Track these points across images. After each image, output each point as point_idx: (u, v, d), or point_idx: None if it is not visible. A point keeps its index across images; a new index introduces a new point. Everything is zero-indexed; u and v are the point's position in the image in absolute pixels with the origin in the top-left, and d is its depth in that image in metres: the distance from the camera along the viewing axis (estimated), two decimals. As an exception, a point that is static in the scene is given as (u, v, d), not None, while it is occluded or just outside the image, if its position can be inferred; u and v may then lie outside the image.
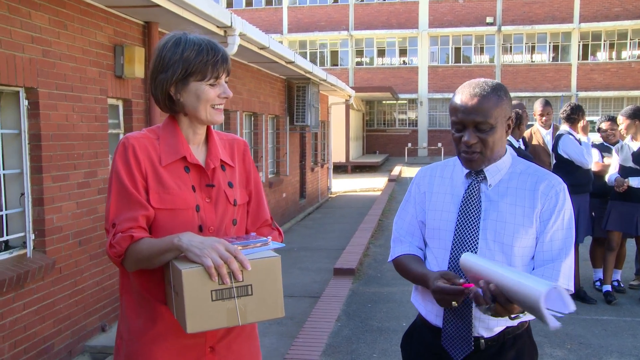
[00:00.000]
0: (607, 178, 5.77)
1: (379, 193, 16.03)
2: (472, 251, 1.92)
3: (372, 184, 19.00)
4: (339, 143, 23.62)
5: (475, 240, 1.92)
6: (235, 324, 1.63)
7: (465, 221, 1.95)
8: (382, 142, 33.94)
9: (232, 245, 1.63)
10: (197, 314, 1.58)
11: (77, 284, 4.84)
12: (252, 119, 10.16)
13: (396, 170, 21.83)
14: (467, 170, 2.01)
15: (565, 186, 1.99)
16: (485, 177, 1.98)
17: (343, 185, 19.00)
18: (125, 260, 1.72)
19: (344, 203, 15.37)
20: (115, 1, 5.01)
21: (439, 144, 30.76)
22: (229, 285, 1.60)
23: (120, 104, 5.63)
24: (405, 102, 33.64)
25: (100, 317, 5.18)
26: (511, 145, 4.24)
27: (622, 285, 6.12)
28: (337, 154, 22.87)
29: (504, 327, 1.95)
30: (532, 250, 1.94)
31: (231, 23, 6.31)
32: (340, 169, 24.29)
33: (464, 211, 1.96)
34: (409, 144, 32.03)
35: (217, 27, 6.28)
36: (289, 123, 12.11)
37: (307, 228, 11.03)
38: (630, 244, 6.45)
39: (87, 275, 4.98)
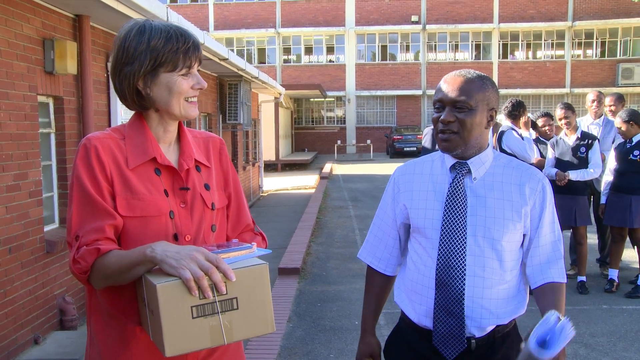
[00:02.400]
0: (543, 172, 5.94)
1: (311, 191, 16.01)
2: (460, 248, 1.86)
3: (303, 182, 18.94)
4: (269, 141, 23.46)
5: (464, 237, 1.87)
6: (220, 343, 1.45)
7: (452, 218, 1.89)
8: (310, 140, 33.98)
9: (213, 253, 1.46)
10: (177, 334, 1.39)
11: (7, 294, 4.50)
12: (185, 117, 9.88)
13: (327, 167, 21.90)
14: (451, 164, 1.95)
15: (547, 178, 2.00)
16: (469, 170, 1.93)
17: (274, 184, 18.84)
18: (92, 276, 1.52)
19: (277, 201, 15.24)
20: (44, -9, 4.70)
21: (368, 141, 31.14)
22: (212, 299, 1.42)
23: (50, 101, 5.29)
24: (333, 99, 33.86)
25: (33, 328, 4.84)
26: None
27: (559, 275, 6.32)
28: (267, 152, 22.69)
29: (494, 326, 1.91)
30: (518, 244, 1.93)
31: (167, 17, 6.06)
32: (271, 167, 24.12)
33: (449, 208, 1.90)
34: (338, 141, 32.24)
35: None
36: (221, 121, 11.87)
37: (243, 228, 10.81)
38: (564, 236, 6.68)
39: (19, 284, 4.64)
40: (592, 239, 6.85)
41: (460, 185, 1.91)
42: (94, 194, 1.55)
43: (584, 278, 5.97)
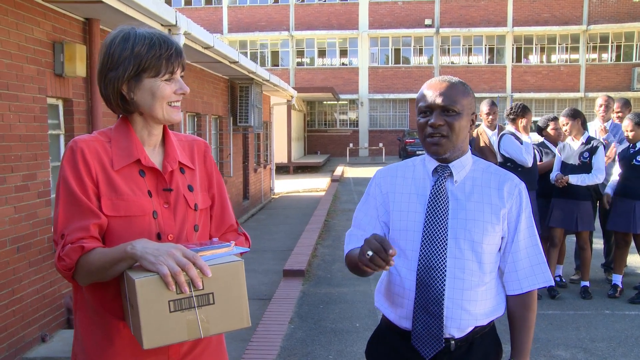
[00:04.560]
0: (550, 176, 5.95)
1: (322, 193, 16.05)
2: (441, 250, 1.90)
3: (314, 185, 19.00)
4: (281, 144, 23.53)
5: (445, 239, 1.91)
6: (197, 337, 1.52)
7: (434, 221, 1.93)
8: (323, 143, 34.05)
9: (191, 250, 1.52)
10: (154, 328, 1.46)
11: (15, 292, 4.59)
12: (196, 119, 9.98)
13: (338, 170, 21.93)
14: (433, 167, 1.99)
15: (523, 183, 2.04)
16: (451, 173, 1.97)
17: (286, 186, 18.93)
18: (77, 273, 1.59)
19: (288, 204, 15.31)
20: (54, -4, 4.80)
21: (380, 144, 31.14)
22: (188, 294, 1.49)
23: (60, 103, 5.39)
24: (346, 102, 33.90)
25: (40, 326, 4.93)
26: None
27: (563, 280, 6.32)
28: (279, 155, 22.78)
29: (473, 327, 1.95)
30: (497, 246, 1.97)
31: (176, 21, 6.15)
32: (282, 169, 24.21)
33: (431, 210, 1.94)
34: (351, 144, 32.27)
35: (162, 25, 6.10)
36: (232, 124, 11.96)
37: (252, 229, 10.90)
38: (569, 241, 6.68)
39: (26, 283, 4.74)
40: (598, 243, 6.84)
41: (442, 188, 1.96)
42: (79, 194, 1.62)
43: (587, 283, 5.96)
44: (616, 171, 6.09)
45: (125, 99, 1.70)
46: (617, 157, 6.01)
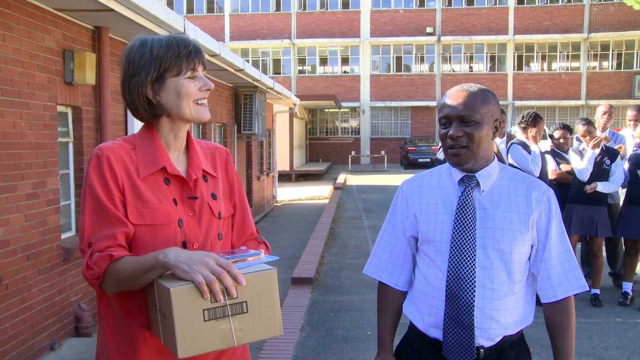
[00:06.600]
0: (576, 168, 5.91)
1: (325, 201, 16.04)
2: (470, 260, 1.89)
3: (317, 192, 18.98)
4: (283, 151, 23.54)
5: (473, 250, 1.90)
6: (231, 346, 1.50)
7: (462, 231, 1.91)
8: (325, 150, 34.08)
9: (224, 259, 1.51)
10: (189, 337, 1.44)
11: (24, 300, 4.57)
12: (200, 127, 9.98)
13: (341, 178, 21.91)
14: (460, 177, 1.98)
15: (552, 190, 2.02)
16: (478, 183, 1.96)
17: (288, 194, 18.90)
18: (105, 282, 1.57)
19: (291, 212, 15.28)
20: (64, 4, 4.79)
21: (382, 152, 31.15)
22: (223, 303, 1.47)
23: (69, 111, 5.39)
24: (348, 110, 33.95)
25: (49, 335, 4.91)
26: None
27: (573, 288, 6.29)
28: (281, 163, 22.77)
29: (502, 337, 1.94)
30: (527, 255, 1.96)
31: (184, 29, 6.17)
32: (285, 177, 24.20)
33: (459, 221, 1.92)
34: (353, 152, 32.28)
35: (170, 33, 6.11)
36: (236, 131, 11.97)
37: (257, 237, 10.88)
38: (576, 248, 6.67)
39: (36, 291, 4.72)
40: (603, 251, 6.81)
41: (469, 198, 1.94)
42: (106, 202, 1.60)
43: (597, 291, 5.94)
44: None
45: (152, 103, 1.69)
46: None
